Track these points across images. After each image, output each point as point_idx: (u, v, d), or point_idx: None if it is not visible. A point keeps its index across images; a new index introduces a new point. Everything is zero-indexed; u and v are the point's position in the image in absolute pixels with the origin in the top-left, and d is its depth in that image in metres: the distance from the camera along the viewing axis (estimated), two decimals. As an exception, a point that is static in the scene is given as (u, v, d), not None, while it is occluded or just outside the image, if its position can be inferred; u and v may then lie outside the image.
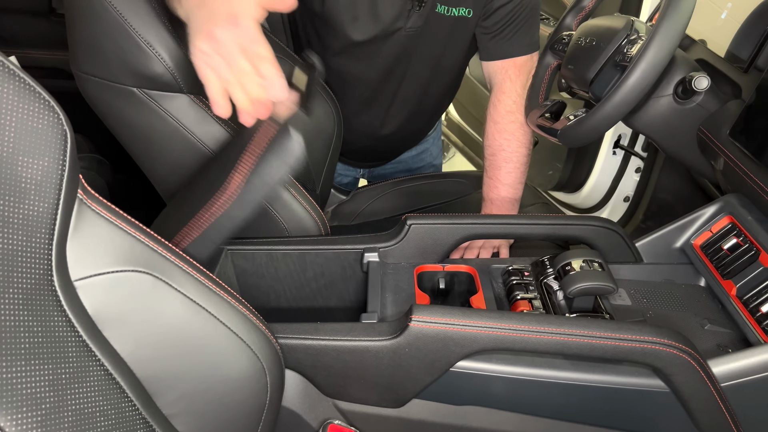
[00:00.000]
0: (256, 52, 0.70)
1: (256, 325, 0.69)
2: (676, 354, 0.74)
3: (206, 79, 0.72)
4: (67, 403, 0.51)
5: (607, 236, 0.99)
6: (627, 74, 0.89)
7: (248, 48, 0.70)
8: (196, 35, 0.71)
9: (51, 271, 0.52)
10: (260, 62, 0.71)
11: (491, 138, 1.28)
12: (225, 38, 0.69)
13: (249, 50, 0.70)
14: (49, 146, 0.51)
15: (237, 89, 0.71)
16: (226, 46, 0.70)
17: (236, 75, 0.70)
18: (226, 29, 0.69)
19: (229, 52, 0.70)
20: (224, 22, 0.69)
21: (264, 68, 0.71)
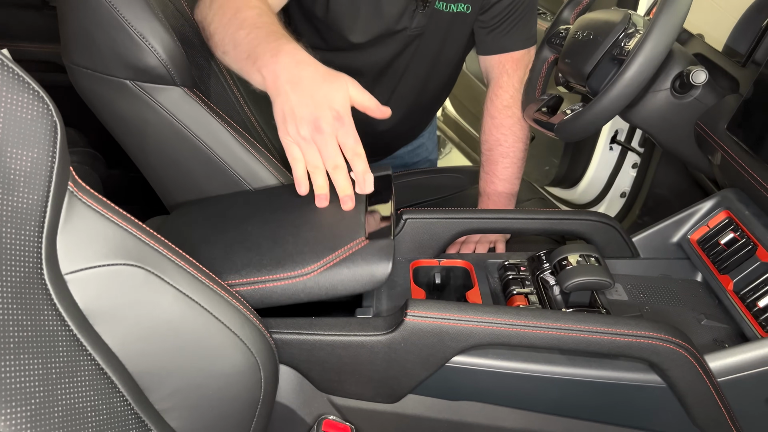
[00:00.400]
0: (354, 149, 0.78)
1: (249, 320, 0.68)
2: (673, 349, 0.73)
3: (295, 160, 0.79)
4: (57, 398, 0.50)
5: (604, 231, 0.98)
6: (624, 68, 0.89)
7: (347, 144, 0.77)
8: (295, 119, 0.76)
9: (41, 264, 0.51)
10: (356, 158, 0.78)
11: (488, 133, 1.28)
12: (328, 131, 0.76)
13: (348, 146, 0.77)
14: (39, 137, 0.50)
15: (321, 176, 0.79)
16: (326, 138, 0.76)
17: (328, 165, 0.78)
18: (331, 124, 0.76)
19: (327, 143, 0.77)
20: (330, 117, 0.76)
21: (358, 165, 0.79)
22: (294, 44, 0.82)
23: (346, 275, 0.74)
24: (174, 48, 0.85)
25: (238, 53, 0.84)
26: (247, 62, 0.82)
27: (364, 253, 0.75)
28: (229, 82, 1.04)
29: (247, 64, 0.82)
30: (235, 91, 1.05)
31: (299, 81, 0.77)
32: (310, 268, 0.74)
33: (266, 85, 0.80)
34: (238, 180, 0.96)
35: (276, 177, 0.98)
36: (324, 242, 0.77)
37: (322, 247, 0.76)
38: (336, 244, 0.76)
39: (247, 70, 0.83)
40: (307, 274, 0.74)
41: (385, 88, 1.31)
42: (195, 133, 0.90)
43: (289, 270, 0.74)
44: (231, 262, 0.76)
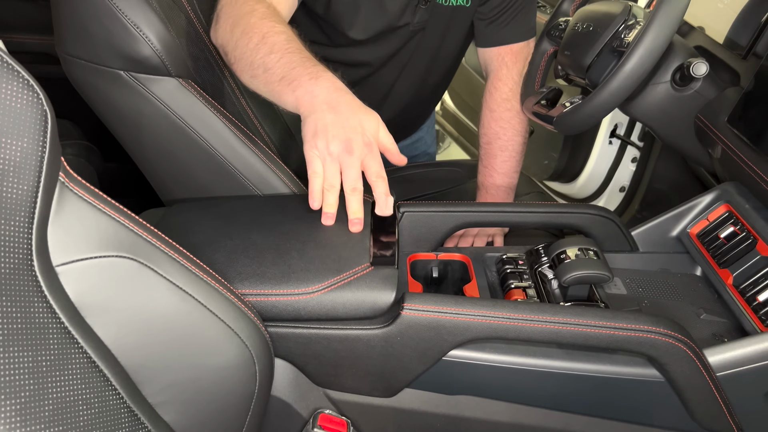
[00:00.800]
0: (378, 173, 0.81)
1: (244, 313, 0.68)
2: (672, 343, 0.73)
3: (315, 174, 0.80)
4: (47, 392, 0.50)
5: (603, 225, 0.97)
6: (624, 60, 0.88)
7: (373, 169, 0.80)
8: (327, 134, 0.78)
9: (31, 255, 0.51)
10: (379, 181, 0.82)
11: (487, 126, 1.27)
12: (356, 154, 0.79)
13: (372, 170, 0.80)
14: (28, 127, 0.50)
15: (334, 195, 0.81)
16: (353, 160, 0.79)
17: (347, 186, 0.80)
18: (361, 148, 0.79)
19: (352, 165, 0.79)
20: (361, 141, 0.79)
21: (380, 187, 0.82)
22: (330, 73, 0.85)
23: (349, 299, 0.74)
24: (168, 38, 0.84)
25: (270, 76, 0.85)
26: (280, 84, 0.84)
27: (368, 280, 0.75)
28: (225, 73, 1.03)
29: (279, 86, 0.84)
30: (231, 83, 1.04)
31: (337, 104, 0.81)
32: (314, 288, 0.75)
33: (300, 103, 0.82)
34: (233, 172, 0.95)
35: (272, 170, 0.97)
36: (329, 263, 0.77)
37: (327, 268, 0.77)
38: (341, 267, 0.76)
39: (278, 91, 0.84)
40: (310, 293, 0.74)
41: (385, 82, 1.30)
42: (190, 125, 0.89)
43: (294, 287, 0.75)
44: (234, 269, 0.77)
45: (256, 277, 0.76)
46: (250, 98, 1.07)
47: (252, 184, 0.97)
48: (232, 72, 1.04)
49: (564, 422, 0.81)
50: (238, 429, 0.70)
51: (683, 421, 0.79)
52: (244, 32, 0.89)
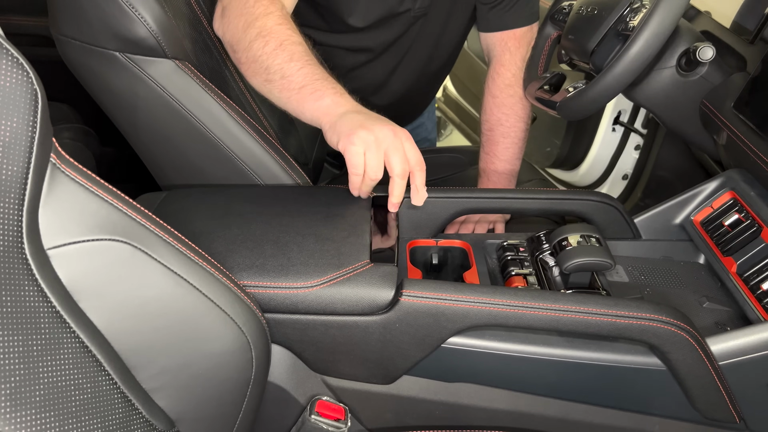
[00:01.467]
0: (421, 163, 0.83)
1: (240, 298, 0.67)
2: (674, 331, 0.72)
3: (356, 167, 0.81)
4: (39, 376, 0.49)
5: (606, 212, 0.96)
6: (629, 44, 0.87)
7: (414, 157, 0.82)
8: (367, 126, 0.79)
9: (21, 238, 0.50)
10: (420, 170, 0.83)
11: (489, 112, 1.26)
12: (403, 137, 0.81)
13: (414, 159, 0.82)
14: (18, 106, 0.48)
15: (370, 186, 0.84)
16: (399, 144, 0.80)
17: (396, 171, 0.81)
18: (405, 136, 0.81)
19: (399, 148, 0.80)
20: (401, 131, 0.81)
21: (420, 177, 0.84)
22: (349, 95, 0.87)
23: (348, 295, 0.74)
24: (165, 19, 0.82)
25: (288, 83, 0.86)
26: (300, 92, 0.85)
27: (367, 276, 0.75)
28: (223, 56, 1.01)
29: (299, 94, 0.85)
30: (229, 66, 1.02)
31: (365, 111, 0.84)
32: (313, 282, 0.74)
33: (323, 113, 0.83)
34: (231, 157, 0.94)
35: (271, 155, 0.96)
36: (328, 258, 0.77)
37: (327, 263, 0.76)
38: (341, 263, 0.76)
39: (297, 99, 0.85)
40: (309, 287, 0.74)
41: (386, 68, 1.28)
42: (187, 107, 0.88)
43: (293, 280, 0.74)
44: (233, 260, 0.76)
45: (254, 269, 0.75)
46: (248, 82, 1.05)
47: (250, 170, 0.96)
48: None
49: (564, 410, 0.81)
50: (235, 415, 0.69)
51: (684, 410, 0.78)
52: (260, 35, 0.88)
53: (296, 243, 0.79)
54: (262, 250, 0.78)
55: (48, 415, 0.49)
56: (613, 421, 0.81)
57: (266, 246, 0.79)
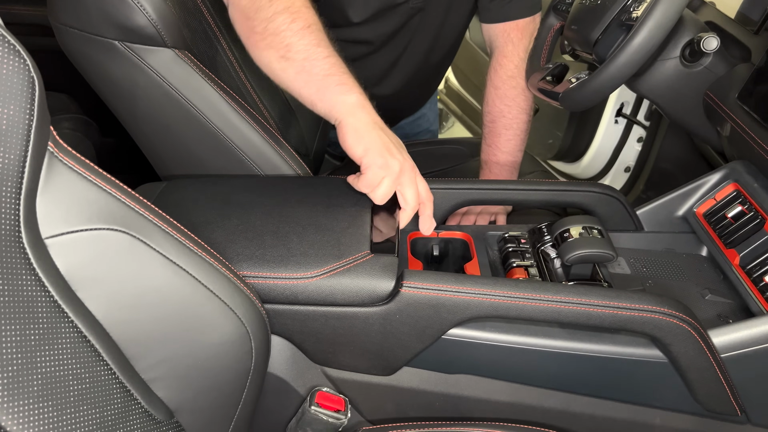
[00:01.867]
0: (429, 195, 0.87)
1: (240, 289, 0.66)
2: (676, 323, 0.71)
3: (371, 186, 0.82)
4: (36, 366, 0.49)
5: (608, 203, 0.96)
6: (632, 34, 0.86)
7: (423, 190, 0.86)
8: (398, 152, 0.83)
9: (19, 227, 0.49)
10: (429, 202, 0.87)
11: (491, 104, 1.25)
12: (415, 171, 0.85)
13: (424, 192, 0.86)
14: (15, 93, 0.48)
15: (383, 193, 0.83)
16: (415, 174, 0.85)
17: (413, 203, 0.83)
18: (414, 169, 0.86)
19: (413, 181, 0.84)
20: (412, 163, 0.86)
21: (429, 208, 0.87)
22: None
23: (348, 286, 0.73)
24: (164, 7, 0.82)
25: (311, 66, 0.84)
26: (324, 80, 0.84)
27: (368, 267, 0.74)
28: (223, 46, 1.01)
29: (323, 82, 0.84)
30: (230, 55, 1.02)
31: (385, 129, 0.85)
32: (313, 273, 0.74)
33: (347, 110, 0.83)
34: (231, 147, 0.93)
35: (271, 145, 0.96)
36: (329, 248, 0.76)
37: (327, 253, 0.76)
38: (341, 253, 0.76)
39: (319, 85, 0.84)
40: (309, 278, 0.74)
41: (387, 60, 1.27)
42: (186, 97, 0.87)
43: (293, 271, 0.74)
44: (232, 250, 0.76)
45: (254, 260, 0.75)
46: (249, 72, 1.05)
47: (250, 160, 0.95)
48: (231, 45, 1.02)
49: (564, 402, 0.80)
50: (234, 406, 0.69)
51: (685, 402, 0.78)
52: (287, 10, 0.85)
53: (296, 233, 0.79)
54: (262, 240, 0.78)
55: (46, 405, 0.48)
56: (614, 413, 0.80)
57: (266, 236, 0.78)
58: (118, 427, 0.55)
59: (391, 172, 0.81)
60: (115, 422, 0.54)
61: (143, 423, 0.57)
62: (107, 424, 0.53)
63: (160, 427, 0.59)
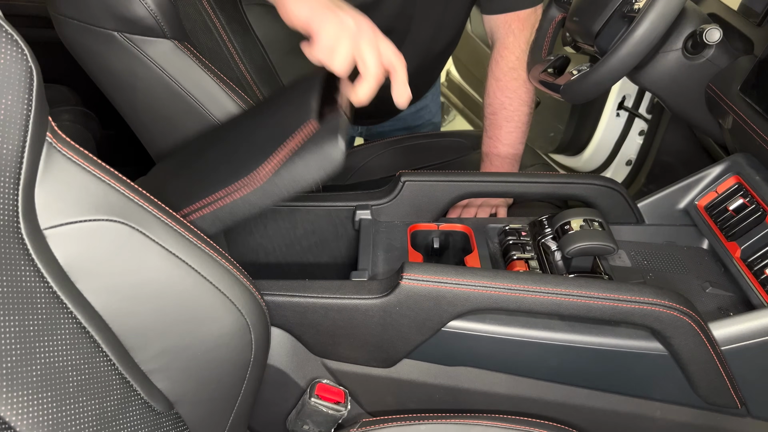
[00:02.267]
0: (399, 54, 0.77)
1: (240, 281, 0.66)
2: (677, 316, 0.71)
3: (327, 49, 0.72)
4: (35, 356, 0.49)
5: (609, 196, 0.95)
6: (634, 26, 0.85)
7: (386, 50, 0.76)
8: (349, 10, 0.74)
9: (17, 217, 0.49)
10: (402, 69, 0.77)
11: (492, 96, 1.24)
12: (377, 30, 0.75)
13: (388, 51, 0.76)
14: (12, 83, 0.48)
15: None
16: (374, 38, 0.74)
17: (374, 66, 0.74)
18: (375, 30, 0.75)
19: (372, 42, 0.74)
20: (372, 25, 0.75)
21: (401, 73, 0.77)
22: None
23: (300, 166, 0.67)
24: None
25: None
26: None
27: (314, 138, 0.68)
28: (223, 37, 1.00)
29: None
30: (229, 47, 1.01)
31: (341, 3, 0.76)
32: (261, 169, 0.68)
33: None
34: (231, 139, 0.93)
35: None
36: (274, 139, 0.70)
37: (272, 144, 0.69)
38: (284, 137, 0.69)
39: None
40: (261, 176, 0.68)
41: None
42: (186, 88, 0.87)
43: (243, 176, 0.68)
44: (192, 191, 0.72)
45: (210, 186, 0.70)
46: (249, 63, 1.04)
47: (250, 151, 0.95)
48: (231, 36, 1.02)
49: (565, 395, 0.80)
50: (234, 397, 0.69)
51: (686, 395, 0.78)
52: None
53: (246, 143, 0.74)
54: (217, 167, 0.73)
55: (45, 395, 0.48)
56: (614, 406, 0.80)
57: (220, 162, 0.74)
58: (118, 418, 0.55)
59: (348, 29, 0.72)
60: (115, 413, 0.54)
61: (143, 414, 0.57)
62: (107, 415, 0.53)
63: (160, 419, 0.59)
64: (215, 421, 0.68)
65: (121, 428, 0.55)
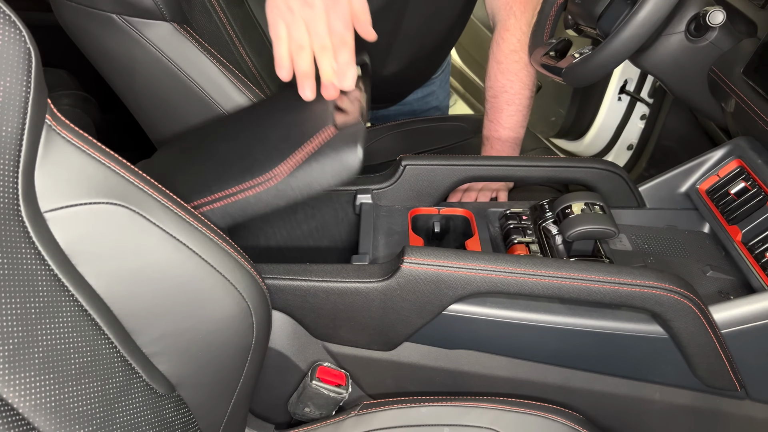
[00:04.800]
0: (342, 36, 0.70)
1: (240, 264, 0.66)
2: (677, 299, 0.71)
3: (278, 37, 0.71)
4: (37, 339, 0.49)
5: (610, 180, 0.95)
6: (637, 8, 0.84)
7: (336, 28, 0.70)
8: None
9: (17, 200, 0.49)
10: (342, 46, 0.70)
11: (493, 79, 1.23)
12: (319, 6, 0.69)
13: (336, 31, 0.70)
14: (11, 65, 0.47)
15: (305, 56, 0.71)
16: (317, 13, 0.69)
17: (315, 45, 0.70)
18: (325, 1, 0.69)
19: (316, 19, 0.69)
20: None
21: (342, 54, 0.71)
22: None
23: (317, 170, 0.68)
24: (162, -21, 0.81)
25: None
26: None
27: (333, 143, 0.68)
28: (223, 20, 1.00)
29: None
30: (229, 30, 1.00)
31: None
32: (277, 170, 0.68)
33: None
34: (231, 122, 0.92)
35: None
36: (290, 140, 0.71)
37: (288, 145, 0.70)
38: (302, 139, 0.69)
39: None
40: (276, 176, 0.68)
41: (386, 30, 1.25)
42: (185, 71, 0.86)
43: (258, 175, 0.69)
44: (202, 182, 0.72)
45: (222, 181, 0.70)
46: (248, 46, 1.03)
47: (250, 135, 0.94)
48: (231, 19, 1.01)
49: (564, 378, 0.81)
50: (235, 380, 0.69)
51: (685, 378, 0.78)
52: None
53: (259, 141, 0.74)
54: (229, 161, 0.73)
55: (47, 377, 0.49)
56: (614, 389, 0.81)
57: (232, 156, 0.74)
58: (120, 401, 0.55)
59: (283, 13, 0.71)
60: (117, 395, 0.55)
61: (145, 396, 0.58)
62: (109, 397, 0.54)
63: (162, 401, 0.60)
64: (217, 404, 0.68)
65: (123, 410, 0.55)
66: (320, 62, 0.72)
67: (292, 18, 0.70)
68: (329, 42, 0.71)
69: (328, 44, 0.71)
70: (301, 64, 0.72)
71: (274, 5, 0.71)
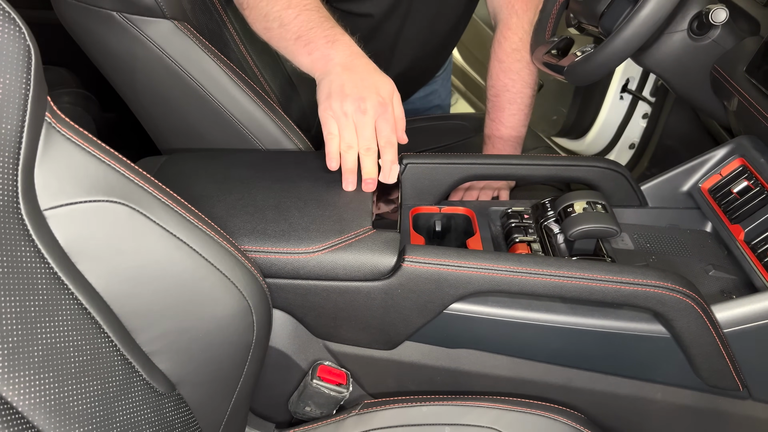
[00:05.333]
0: (389, 138, 0.81)
1: (241, 263, 0.66)
2: (679, 298, 0.71)
3: (331, 134, 0.81)
4: (36, 337, 0.49)
5: (612, 178, 0.95)
6: (639, 6, 0.84)
7: (383, 132, 0.81)
8: (341, 95, 0.79)
9: (17, 198, 0.49)
10: (388, 147, 0.82)
11: (495, 78, 1.23)
12: (370, 113, 0.79)
13: (383, 134, 0.81)
14: (10, 62, 0.47)
15: (353, 155, 0.81)
16: (367, 119, 0.79)
17: (362, 146, 0.80)
18: (375, 107, 0.79)
19: (366, 124, 0.80)
20: (375, 101, 0.79)
21: (388, 154, 0.82)
22: (348, 37, 0.85)
23: (350, 261, 0.73)
24: (163, -23, 0.80)
25: (285, 32, 0.85)
26: (296, 43, 0.84)
27: (369, 243, 0.74)
28: (224, 18, 0.99)
29: (296, 46, 0.84)
30: (230, 28, 1.00)
31: (352, 67, 0.81)
32: (315, 248, 0.74)
33: (315, 66, 0.83)
34: (232, 121, 0.92)
35: (272, 119, 0.95)
36: (330, 223, 0.76)
37: (329, 228, 0.76)
38: (343, 228, 0.75)
39: (293, 50, 0.85)
40: (311, 252, 0.73)
41: (391, 31, 1.25)
42: (186, 69, 0.86)
43: (294, 246, 0.74)
44: (233, 224, 0.76)
45: (255, 234, 0.75)
46: (250, 45, 1.03)
47: (251, 134, 0.94)
48: (231, 17, 1.01)
49: (566, 377, 0.81)
50: (236, 379, 0.69)
51: (687, 378, 0.78)
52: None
53: (297, 208, 0.78)
54: (263, 215, 0.77)
55: (47, 376, 0.48)
56: (616, 389, 0.81)
57: (267, 211, 0.78)
58: (120, 399, 0.55)
59: (338, 116, 0.80)
60: (117, 394, 0.54)
61: (145, 395, 0.57)
62: (108, 396, 0.53)
63: (162, 400, 0.59)
64: (217, 403, 0.68)
65: (122, 409, 0.55)
66: (363, 161, 0.82)
67: (345, 121, 0.79)
68: (374, 144, 0.81)
69: (374, 146, 0.81)
70: (349, 161, 0.82)
71: (328, 107, 0.80)
